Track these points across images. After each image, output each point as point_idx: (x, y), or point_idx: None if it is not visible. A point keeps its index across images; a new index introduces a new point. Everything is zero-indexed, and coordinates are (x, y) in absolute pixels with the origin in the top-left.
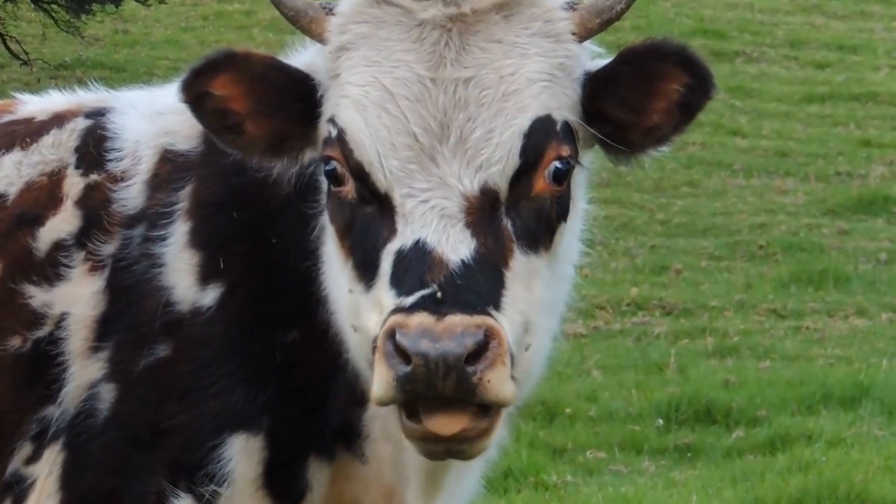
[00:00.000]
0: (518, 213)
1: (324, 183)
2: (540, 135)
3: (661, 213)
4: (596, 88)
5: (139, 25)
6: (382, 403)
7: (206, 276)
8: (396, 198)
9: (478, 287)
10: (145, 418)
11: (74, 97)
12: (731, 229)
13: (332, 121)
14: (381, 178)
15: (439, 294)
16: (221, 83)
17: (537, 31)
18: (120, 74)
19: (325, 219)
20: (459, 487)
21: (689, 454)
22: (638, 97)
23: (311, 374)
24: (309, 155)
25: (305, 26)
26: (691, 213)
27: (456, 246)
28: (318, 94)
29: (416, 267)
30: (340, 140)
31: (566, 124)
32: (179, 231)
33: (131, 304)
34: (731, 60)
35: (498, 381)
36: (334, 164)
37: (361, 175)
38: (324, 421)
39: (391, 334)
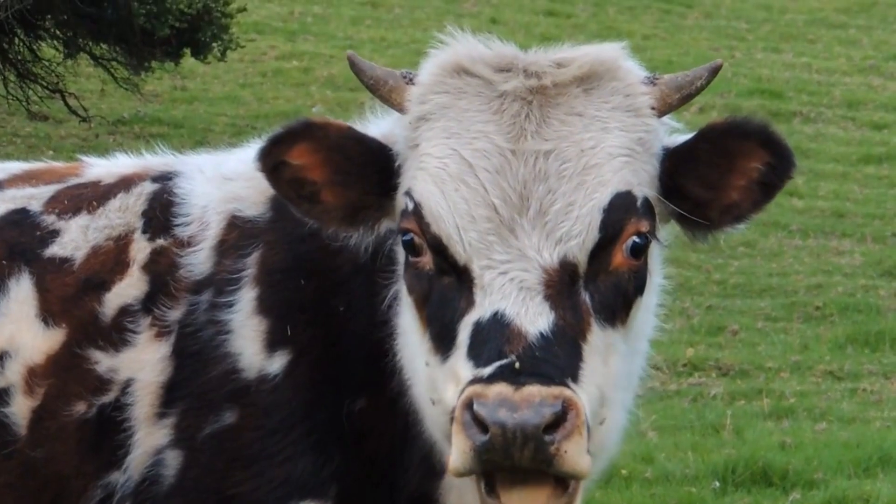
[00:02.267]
0: (596, 286)
1: (400, 253)
2: (620, 210)
3: (718, 273)
4: (675, 164)
5: (197, 82)
6: (460, 474)
7: (273, 343)
8: (475, 269)
9: (556, 359)
10: (211, 485)
11: (141, 160)
12: (787, 290)
13: (408, 193)
14: (460, 251)
15: (517, 364)
16: (299, 153)
17: (617, 105)
18: (178, 130)
19: (402, 289)
20: None
21: None
22: (717, 174)
23: (379, 443)
24: (386, 225)
25: (385, 95)
26: (748, 273)
27: (535, 318)
28: (396, 164)
29: (494, 338)
30: (417, 213)
31: (646, 200)
32: (246, 298)
33: (198, 371)
34: (789, 121)
35: (575, 453)
36: (412, 235)
37: (439, 248)
38: (393, 490)
39: (469, 404)
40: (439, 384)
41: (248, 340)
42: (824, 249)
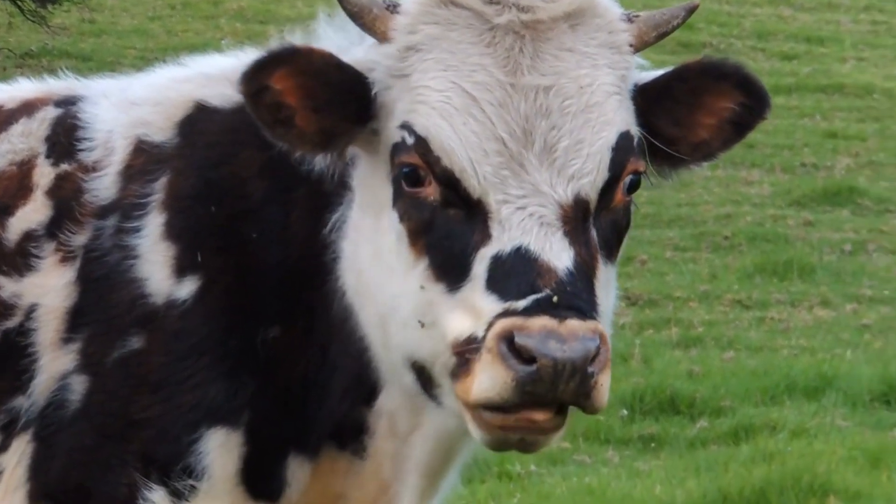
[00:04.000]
0: (600, 223)
1: (360, 178)
2: (623, 149)
3: None
4: (646, 102)
5: (106, 15)
6: (491, 404)
7: (182, 268)
8: (491, 203)
9: (582, 294)
10: (117, 410)
11: (43, 85)
12: (696, 220)
13: (406, 127)
14: (475, 185)
15: (555, 298)
16: (280, 77)
17: (602, 41)
18: (87, 63)
19: (352, 214)
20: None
21: (653, 444)
22: (689, 113)
23: (294, 370)
24: (350, 151)
25: (368, 23)
26: (657, 203)
27: (559, 254)
28: (373, 93)
29: (521, 273)
30: (421, 147)
31: (640, 139)
32: (154, 223)
33: (103, 296)
34: (699, 52)
35: (606, 386)
36: (413, 167)
37: (451, 181)
38: (310, 419)
39: (506, 336)
40: (440, 311)
41: (155, 265)
42: (733, 179)
